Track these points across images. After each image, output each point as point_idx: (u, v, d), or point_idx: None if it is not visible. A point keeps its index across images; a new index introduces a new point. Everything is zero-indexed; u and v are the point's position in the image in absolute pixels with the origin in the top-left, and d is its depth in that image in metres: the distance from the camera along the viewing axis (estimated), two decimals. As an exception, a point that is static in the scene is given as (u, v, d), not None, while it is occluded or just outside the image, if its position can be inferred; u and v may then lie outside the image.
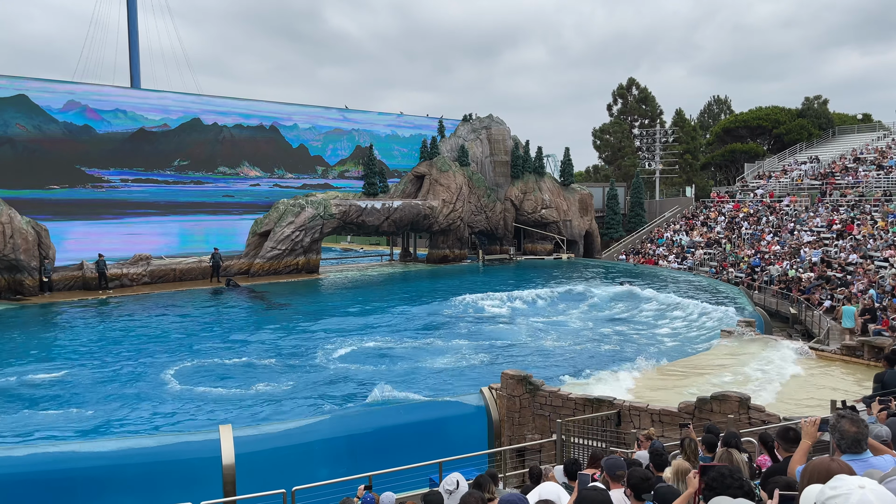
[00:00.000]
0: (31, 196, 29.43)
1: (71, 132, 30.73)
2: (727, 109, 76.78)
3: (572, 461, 7.01)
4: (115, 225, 32.05)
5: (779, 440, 5.25)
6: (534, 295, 28.00)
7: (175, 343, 19.85)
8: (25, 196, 29.08)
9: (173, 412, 13.78)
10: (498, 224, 43.81)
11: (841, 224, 33.78)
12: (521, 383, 12.84)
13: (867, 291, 24.07)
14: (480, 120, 44.84)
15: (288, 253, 34.12)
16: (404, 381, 15.90)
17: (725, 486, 3.39)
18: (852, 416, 3.93)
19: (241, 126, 36.58)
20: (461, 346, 19.47)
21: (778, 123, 59.92)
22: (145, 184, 33.10)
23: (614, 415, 11.73)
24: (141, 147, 32.87)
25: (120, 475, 10.40)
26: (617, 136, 67.76)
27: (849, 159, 43.91)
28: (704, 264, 37.37)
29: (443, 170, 40.17)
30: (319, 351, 18.79)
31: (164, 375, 16.21)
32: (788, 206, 40.00)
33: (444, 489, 5.15)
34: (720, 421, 10.28)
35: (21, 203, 28.05)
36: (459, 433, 12.70)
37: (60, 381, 15.79)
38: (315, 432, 11.72)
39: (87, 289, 28.66)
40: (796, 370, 14.38)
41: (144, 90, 33.67)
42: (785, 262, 31.90)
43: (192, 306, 26.37)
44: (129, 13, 34.05)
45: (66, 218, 30.31)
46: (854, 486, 2.42)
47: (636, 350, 18.56)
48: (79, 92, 30.99)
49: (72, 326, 22.18)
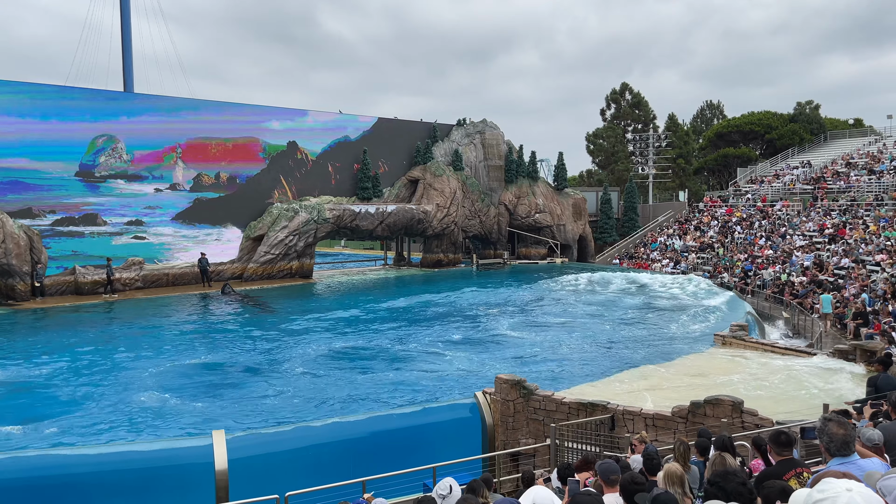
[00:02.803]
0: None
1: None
2: (720, 114, 77.18)
3: (566, 465, 7.02)
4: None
5: (772, 444, 5.26)
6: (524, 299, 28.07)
7: (167, 348, 19.75)
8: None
9: (166, 417, 13.70)
10: (492, 228, 43.86)
11: (833, 228, 33.97)
12: (515, 388, 12.84)
13: (859, 296, 24.21)
14: (474, 124, 44.92)
15: (282, 257, 34.07)
16: (398, 385, 15.88)
17: (728, 481, 3.43)
18: (839, 419, 3.96)
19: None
20: (455, 350, 19.46)
21: (770, 128, 60.25)
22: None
23: (608, 419, 11.75)
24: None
25: (111, 481, 10.33)
26: (610, 141, 68.05)
27: (840, 164, 44.18)
28: (698, 268, 37.52)
29: (437, 174, 40.20)
30: (313, 355, 18.74)
31: (156, 380, 16.12)
32: (781, 210, 40.21)
33: (438, 494, 5.16)
34: (713, 425, 10.30)
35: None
36: (453, 438, 12.68)
37: (49, 385, 15.69)
38: (308, 437, 11.68)
39: (80, 293, 28.51)
40: (789, 373, 14.43)
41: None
42: (777, 266, 32.06)
43: (184, 311, 26.30)
44: (122, 16, 33.87)
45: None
46: (841, 488, 2.44)
47: (630, 354, 18.59)
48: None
49: (65, 330, 22.04)
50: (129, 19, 33.98)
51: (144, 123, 31.05)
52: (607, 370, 16.50)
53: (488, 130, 45.00)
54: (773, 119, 61.23)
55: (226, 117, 33.95)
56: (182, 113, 32.42)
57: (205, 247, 32.44)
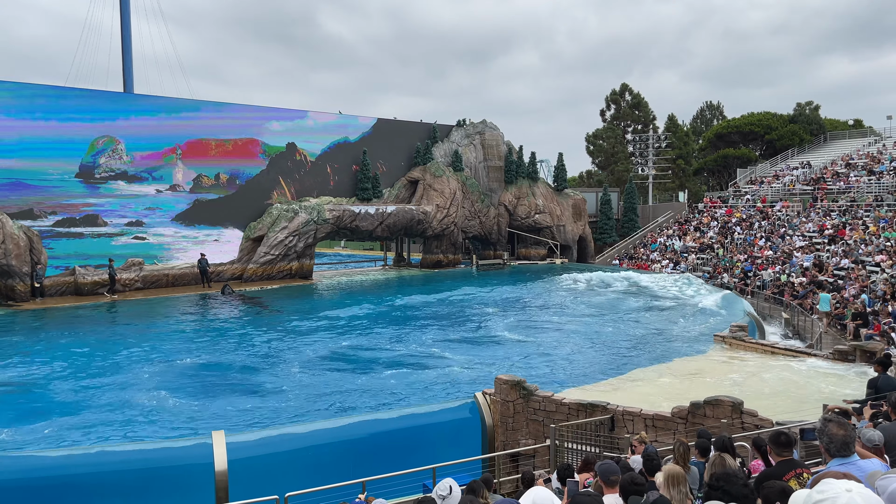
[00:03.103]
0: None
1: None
2: (719, 115, 77.20)
3: (565, 466, 7.02)
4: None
5: (771, 445, 5.26)
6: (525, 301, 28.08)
7: (167, 348, 19.74)
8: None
9: (165, 418, 13.69)
10: (492, 229, 43.87)
11: (833, 229, 33.97)
12: (514, 388, 12.84)
13: (859, 296, 24.21)
14: (474, 125, 44.94)
15: (281, 258, 34.07)
16: (398, 386, 15.87)
17: (731, 483, 3.44)
18: (838, 420, 3.96)
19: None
20: (454, 350, 19.45)
21: (770, 129, 60.27)
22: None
23: (608, 420, 11.75)
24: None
25: (110, 481, 10.33)
26: (610, 142, 68.06)
27: (840, 165, 44.20)
28: (697, 269, 37.52)
29: (437, 175, 40.21)
30: (312, 356, 18.74)
31: (156, 381, 16.12)
32: (781, 211, 40.22)
33: (437, 495, 5.16)
34: (713, 425, 10.30)
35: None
36: (453, 438, 12.68)
37: (48, 386, 15.68)
38: (308, 438, 11.68)
39: (80, 294, 28.50)
40: (789, 374, 14.43)
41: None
42: (777, 267, 32.06)
43: (184, 312, 26.30)
44: (122, 17, 33.86)
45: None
46: (841, 489, 2.43)
47: (629, 355, 18.59)
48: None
49: (65, 331, 22.03)
50: (128, 20, 33.98)
51: (144, 124, 31.05)
52: (607, 371, 16.50)
53: (488, 131, 45.01)
54: (773, 120, 61.25)
55: (225, 118, 33.95)
56: (182, 114, 32.41)
57: (204, 247, 32.47)
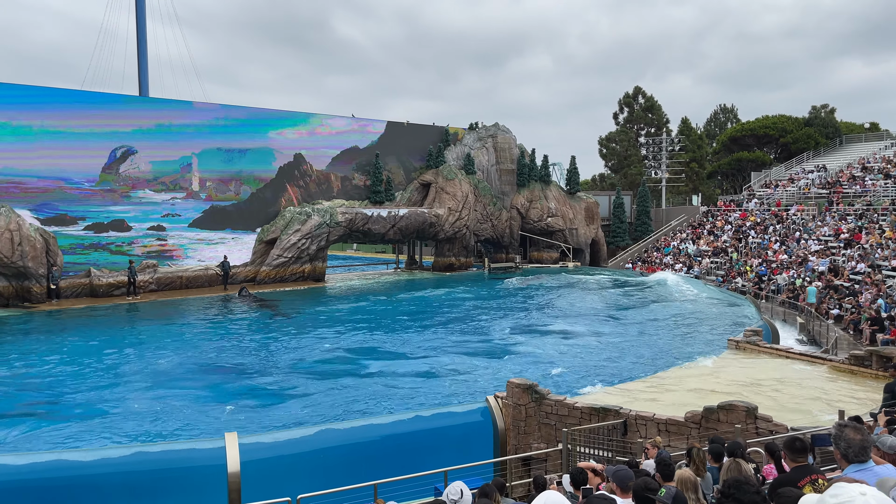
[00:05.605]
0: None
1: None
2: (733, 118, 76.72)
3: (578, 470, 6.99)
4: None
5: (786, 450, 5.21)
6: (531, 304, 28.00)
7: (180, 350, 19.88)
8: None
9: (178, 419, 13.78)
10: (504, 232, 43.82)
11: (848, 233, 33.64)
12: (526, 392, 12.80)
13: (875, 301, 23.94)
14: (486, 128, 44.96)
15: (294, 261, 34.22)
16: (410, 389, 15.88)
17: (743, 491, 3.41)
18: (854, 425, 3.92)
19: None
20: (466, 354, 19.44)
21: (785, 132, 59.81)
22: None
23: (621, 424, 11.68)
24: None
25: (123, 482, 10.40)
26: (623, 145, 67.79)
27: (856, 168, 43.76)
28: (711, 273, 37.27)
29: (449, 178, 40.25)
30: (326, 358, 18.81)
31: (170, 382, 16.25)
32: (796, 214, 39.87)
33: (448, 498, 5.15)
34: (727, 430, 10.23)
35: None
36: (465, 442, 12.66)
37: (63, 386, 15.84)
38: (320, 441, 11.71)
39: (95, 296, 28.80)
40: (804, 379, 14.30)
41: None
42: (792, 271, 31.78)
43: (198, 314, 26.46)
44: (137, 21, 34.23)
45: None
46: (855, 493, 2.41)
47: (642, 359, 18.49)
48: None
49: (80, 333, 22.25)
50: (144, 24, 34.32)
51: (161, 134, 31.67)
52: (619, 375, 16.42)
53: (500, 134, 45.01)
54: (788, 123, 60.77)
55: (239, 124, 34.29)
56: (197, 122, 32.87)
57: (219, 250, 32.95)
